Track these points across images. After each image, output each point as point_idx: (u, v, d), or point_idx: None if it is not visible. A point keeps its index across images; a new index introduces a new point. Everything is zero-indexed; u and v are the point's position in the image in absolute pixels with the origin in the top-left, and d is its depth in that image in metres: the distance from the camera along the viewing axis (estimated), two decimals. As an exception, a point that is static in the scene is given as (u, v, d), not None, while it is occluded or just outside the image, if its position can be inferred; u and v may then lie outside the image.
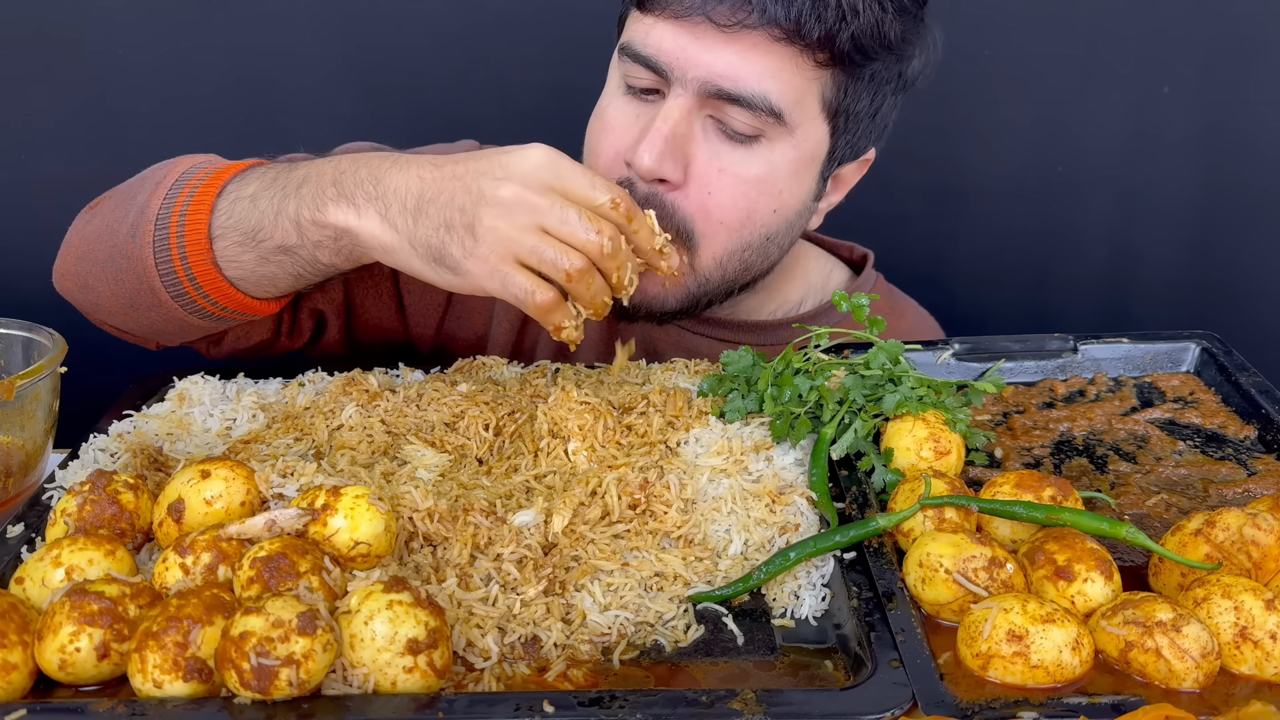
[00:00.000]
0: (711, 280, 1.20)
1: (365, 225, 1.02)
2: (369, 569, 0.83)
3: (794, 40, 1.09)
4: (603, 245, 0.99)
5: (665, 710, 0.71)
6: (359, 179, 1.03)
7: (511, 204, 0.97)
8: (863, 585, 0.85)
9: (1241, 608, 0.77)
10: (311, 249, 1.06)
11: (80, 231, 1.19)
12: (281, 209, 1.05)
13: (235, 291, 1.11)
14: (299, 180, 1.06)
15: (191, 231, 1.08)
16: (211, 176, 1.10)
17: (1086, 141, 1.90)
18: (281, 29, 1.81)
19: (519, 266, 0.98)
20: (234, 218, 1.08)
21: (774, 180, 1.16)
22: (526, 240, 0.97)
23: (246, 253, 1.08)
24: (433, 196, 1.00)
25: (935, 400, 1.03)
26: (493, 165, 0.99)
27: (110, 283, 1.14)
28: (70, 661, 0.73)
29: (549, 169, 0.99)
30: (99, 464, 1.00)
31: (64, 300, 1.87)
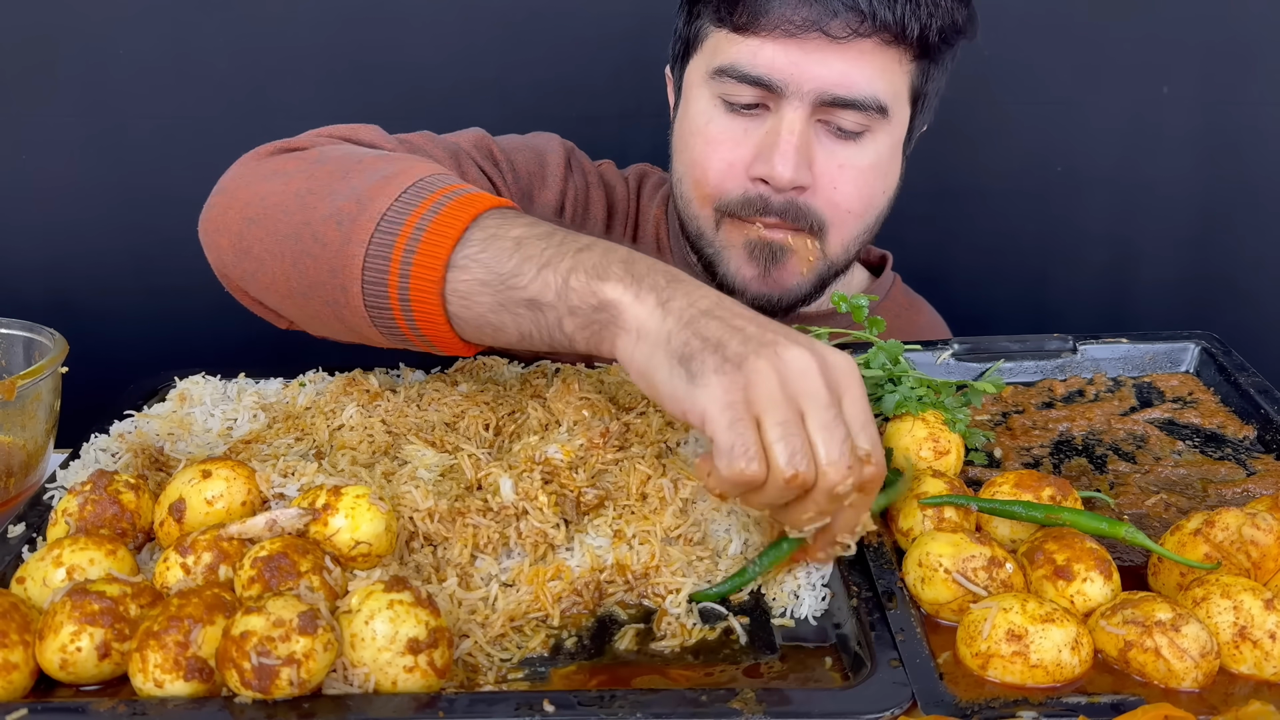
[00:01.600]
0: (837, 263, 1.30)
1: (638, 306, 0.88)
2: (370, 569, 0.83)
3: (899, 41, 1.19)
4: (842, 480, 0.80)
5: (665, 710, 0.71)
6: (654, 270, 0.91)
7: (794, 371, 0.81)
8: (862, 585, 0.85)
9: (1240, 607, 0.77)
10: (564, 313, 0.91)
11: (255, 187, 1.04)
12: (551, 263, 0.91)
13: (448, 328, 0.96)
14: (583, 245, 0.93)
15: (428, 252, 0.93)
16: (466, 198, 0.97)
17: (1086, 141, 1.90)
18: (281, 29, 1.81)
19: (755, 424, 0.81)
20: (488, 253, 0.93)
21: (882, 166, 1.26)
22: (782, 411, 0.80)
23: (486, 295, 0.93)
24: (721, 317, 0.85)
25: (935, 400, 1.03)
26: (802, 337, 0.85)
27: (287, 262, 0.99)
28: (71, 661, 0.73)
29: (849, 377, 0.84)
30: (100, 464, 1.00)
31: (64, 300, 1.89)
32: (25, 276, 1.90)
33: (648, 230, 1.46)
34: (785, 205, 1.22)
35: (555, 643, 0.83)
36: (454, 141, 1.31)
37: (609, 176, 1.48)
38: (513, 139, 1.38)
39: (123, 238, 1.89)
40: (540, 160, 1.37)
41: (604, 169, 1.48)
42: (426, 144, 1.26)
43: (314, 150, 1.07)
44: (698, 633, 0.84)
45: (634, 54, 1.82)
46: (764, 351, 0.81)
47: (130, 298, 1.92)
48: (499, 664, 0.80)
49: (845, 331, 1.12)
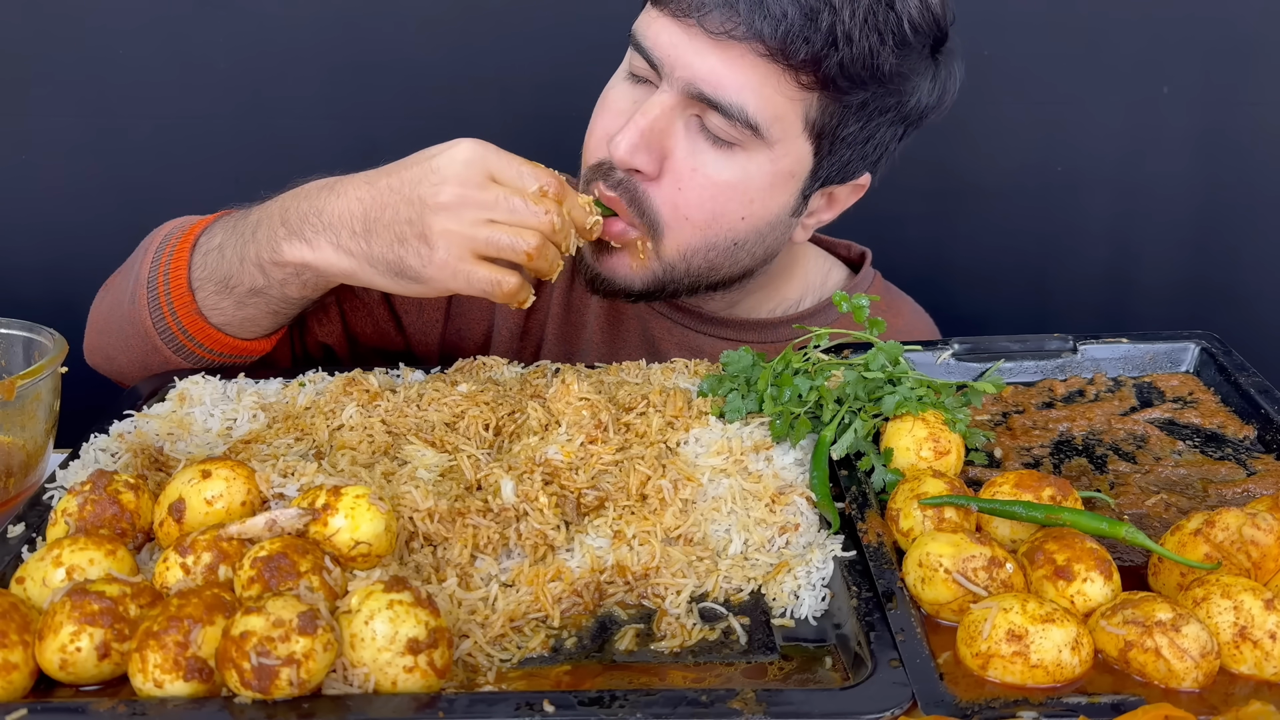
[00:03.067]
0: (676, 269, 1.23)
1: (321, 257, 1.08)
2: (369, 569, 0.83)
3: (778, 59, 1.10)
4: (553, 222, 1.07)
5: (665, 710, 0.71)
6: (303, 213, 1.08)
7: (456, 205, 1.03)
8: (862, 585, 0.85)
9: (1241, 607, 0.77)
10: (279, 287, 1.12)
11: (97, 309, 1.28)
12: (244, 255, 1.12)
13: (224, 336, 1.18)
14: (253, 225, 1.12)
15: (175, 287, 1.16)
16: (186, 233, 1.18)
17: (1086, 142, 1.90)
18: (281, 30, 1.81)
19: (478, 261, 1.05)
20: (207, 269, 1.15)
21: (746, 189, 1.18)
22: (480, 234, 1.04)
23: (224, 299, 1.15)
24: (377, 215, 1.05)
25: (935, 400, 1.03)
26: (426, 171, 1.04)
27: (124, 350, 1.21)
28: (71, 661, 0.73)
29: (480, 164, 1.05)
30: (100, 464, 1.00)
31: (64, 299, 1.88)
32: (25, 276, 1.90)
33: None
34: (622, 182, 1.17)
35: (555, 643, 0.83)
36: None
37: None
38: None
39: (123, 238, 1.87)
40: None
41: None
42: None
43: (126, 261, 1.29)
44: (698, 633, 0.84)
45: (634, 54, 1.82)
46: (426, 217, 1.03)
47: (130, 298, 1.92)
48: (499, 664, 0.80)
49: (845, 332, 1.12)
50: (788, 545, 0.92)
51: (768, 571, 0.89)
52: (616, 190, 1.17)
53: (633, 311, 1.39)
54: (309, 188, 1.11)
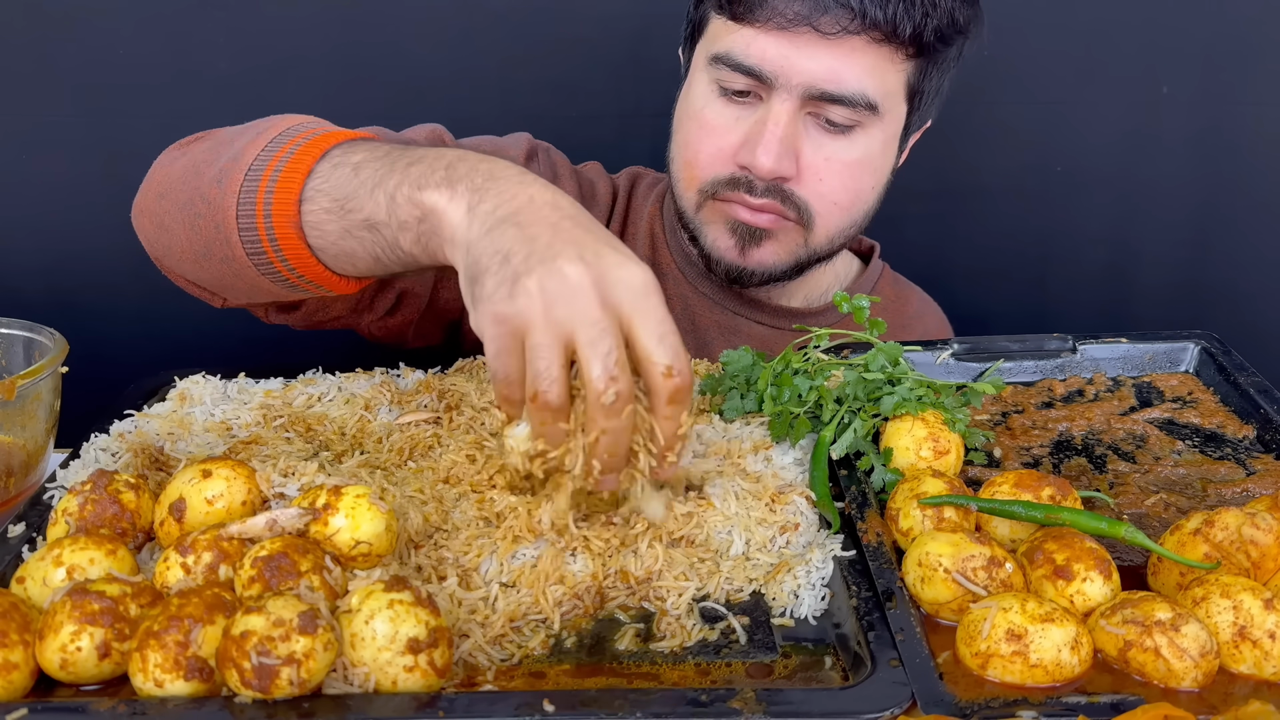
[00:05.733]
0: (820, 252, 1.33)
1: (451, 210, 0.89)
2: (370, 568, 0.83)
3: (890, 40, 1.19)
4: (605, 394, 0.80)
5: (665, 709, 0.71)
6: (474, 169, 0.91)
7: (568, 290, 0.80)
8: (862, 585, 0.85)
9: (1240, 607, 0.77)
10: (396, 229, 0.94)
11: (166, 168, 1.12)
12: (382, 182, 0.95)
13: (314, 261, 1.01)
14: (413, 159, 0.95)
15: (283, 189, 0.99)
16: (319, 137, 1.02)
17: (1086, 141, 1.90)
18: (281, 28, 1.81)
19: (518, 344, 0.83)
20: (330, 182, 0.99)
21: (870, 161, 1.28)
22: (540, 335, 0.81)
23: (332, 221, 0.98)
24: (524, 221, 0.85)
25: (934, 400, 1.03)
26: (594, 243, 0.84)
27: (187, 226, 1.06)
28: (71, 661, 0.73)
29: (633, 293, 0.82)
30: (100, 463, 1.00)
31: (64, 299, 1.88)
32: (25, 276, 1.90)
33: (641, 226, 1.47)
34: (769, 189, 1.25)
35: (555, 643, 0.83)
36: (407, 135, 1.33)
37: (589, 173, 1.50)
38: (477, 138, 1.40)
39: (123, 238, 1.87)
40: (497, 150, 1.38)
41: (585, 167, 1.49)
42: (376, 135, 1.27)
43: (222, 130, 1.12)
44: (698, 633, 0.84)
45: (634, 54, 1.82)
46: (539, 270, 0.81)
47: (130, 298, 1.92)
48: (499, 664, 0.80)
49: (845, 332, 1.13)
50: (788, 545, 0.92)
51: (768, 571, 0.89)
52: (765, 197, 1.26)
53: (676, 293, 1.45)
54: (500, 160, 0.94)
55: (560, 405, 0.83)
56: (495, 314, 0.82)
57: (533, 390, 0.81)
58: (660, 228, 1.47)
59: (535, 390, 0.81)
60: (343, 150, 1.00)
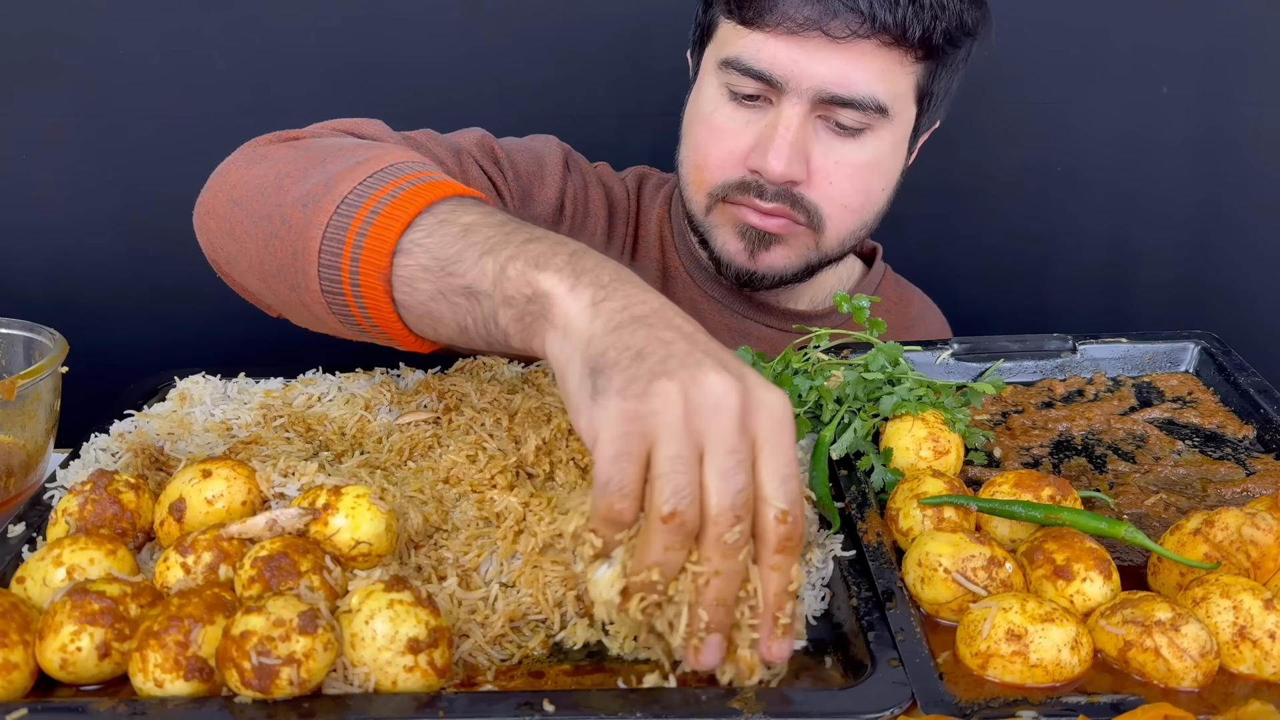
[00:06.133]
0: (830, 254, 1.34)
1: (570, 300, 0.79)
2: (370, 568, 0.83)
3: (899, 43, 1.20)
4: (730, 532, 0.71)
5: (665, 710, 0.71)
6: (600, 265, 0.82)
7: (713, 402, 0.71)
8: (862, 585, 0.85)
9: (1240, 607, 0.77)
10: (498, 303, 0.84)
11: (242, 171, 1.04)
12: (494, 250, 0.85)
13: (395, 317, 0.92)
14: (532, 236, 0.85)
15: (377, 236, 0.90)
16: (426, 185, 0.93)
17: (1086, 141, 1.90)
18: (281, 28, 1.81)
19: (643, 460, 0.72)
20: (434, 238, 0.89)
21: (880, 164, 1.28)
22: (675, 446, 0.71)
23: (428, 280, 0.88)
24: (656, 325, 0.76)
25: (934, 400, 1.03)
26: (735, 363, 0.75)
27: (260, 243, 0.98)
28: (71, 661, 0.73)
29: (772, 422, 0.73)
30: (100, 463, 1.00)
31: (64, 300, 1.88)
32: (25, 276, 1.90)
33: (650, 229, 1.47)
34: (779, 193, 1.25)
35: (555, 643, 0.83)
36: (456, 141, 1.32)
37: (606, 177, 1.50)
38: (512, 141, 1.40)
39: (123, 238, 1.89)
40: (538, 160, 1.39)
41: (601, 170, 1.50)
42: (429, 141, 1.28)
43: (306, 140, 1.07)
44: None
45: (633, 54, 1.82)
46: (680, 374, 0.71)
47: (130, 298, 1.92)
48: (499, 664, 0.80)
49: (845, 333, 1.13)
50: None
51: None
52: (775, 201, 1.26)
53: (685, 296, 1.46)
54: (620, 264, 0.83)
55: (694, 530, 0.71)
56: (625, 410, 0.71)
57: (669, 509, 0.69)
58: (668, 230, 1.48)
59: (673, 509, 0.69)
60: (452, 206, 0.91)
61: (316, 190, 0.94)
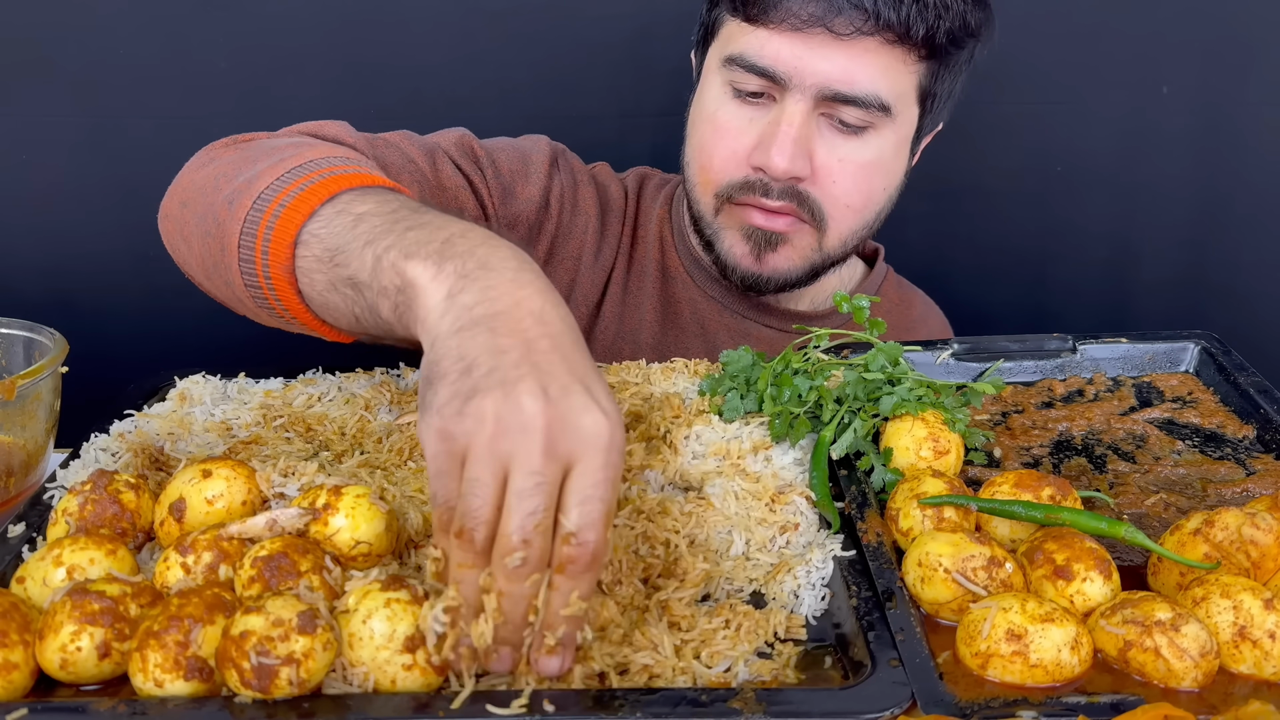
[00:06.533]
0: (833, 255, 1.34)
1: (430, 291, 0.79)
2: (370, 568, 0.83)
3: (903, 41, 1.20)
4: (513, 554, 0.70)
5: (665, 709, 0.71)
6: (470, 251, 0.81)
7: (519, 424, 0.71)
8: (862, 585, 0.85)
9: (1240, 607, 0.77)
10: (376, 294, 0.85)
11: (192, 174, 1.08)
12: (375, 239, 0.85)
13: (303, 308, 0.94)
14: (417, 222, 0.86)
15: (283, 227, 0.92)
16: (336, 176, 0.94)
17: (1086, 141, 1.90)
18: (281, 28, 1.81)
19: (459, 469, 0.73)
20: (328, 229, 0.90)
21: (882, 163, 1.28)
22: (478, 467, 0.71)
23: (321, 271, 0.90)
24: (499, 327, 0.75)
25: (934, 400, 1.03)
26: (564, 376, 0.73)
27: (200, 241, 1.01)
28: (71, 661, 0.73)
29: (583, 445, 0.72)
30: (100, 463, 1.00)
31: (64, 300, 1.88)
32: (25, 276, 1.90)
33: (650, 229, 1.47)
34: (785, 190, 1.25)
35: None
36: (433, 140, 1.33)
37: (602, 177, 1.50)
38: (499, 140, 1.41)
39: (123, 238, 1.89)
40: (523, 159, 1.40)
41: (597, 170, 1.50)
42: (402, 142, 1.28)
43: (254, 142, 1.08)
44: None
45: (634, 54, 1.82)
46: (495, 393, 0.71)
47: (130, 298, 1.92)
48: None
49: (845, 333, 1.13)
50: (788, 545, 0.92)
51: (768, 571, 0.89)
52: (781, 199, 1.26)
53: (686, 297, 1.46)
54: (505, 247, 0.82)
55: (486, 549, 0.72)
56: (441, 429, 0.72)
57: (459, 525, 0.71)
58: (669, 231, 1.47)
59: (462, 526, 0.71)
60: (352, 196, 0.92)
61: (240, 187, 0.97)
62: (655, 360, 1.23)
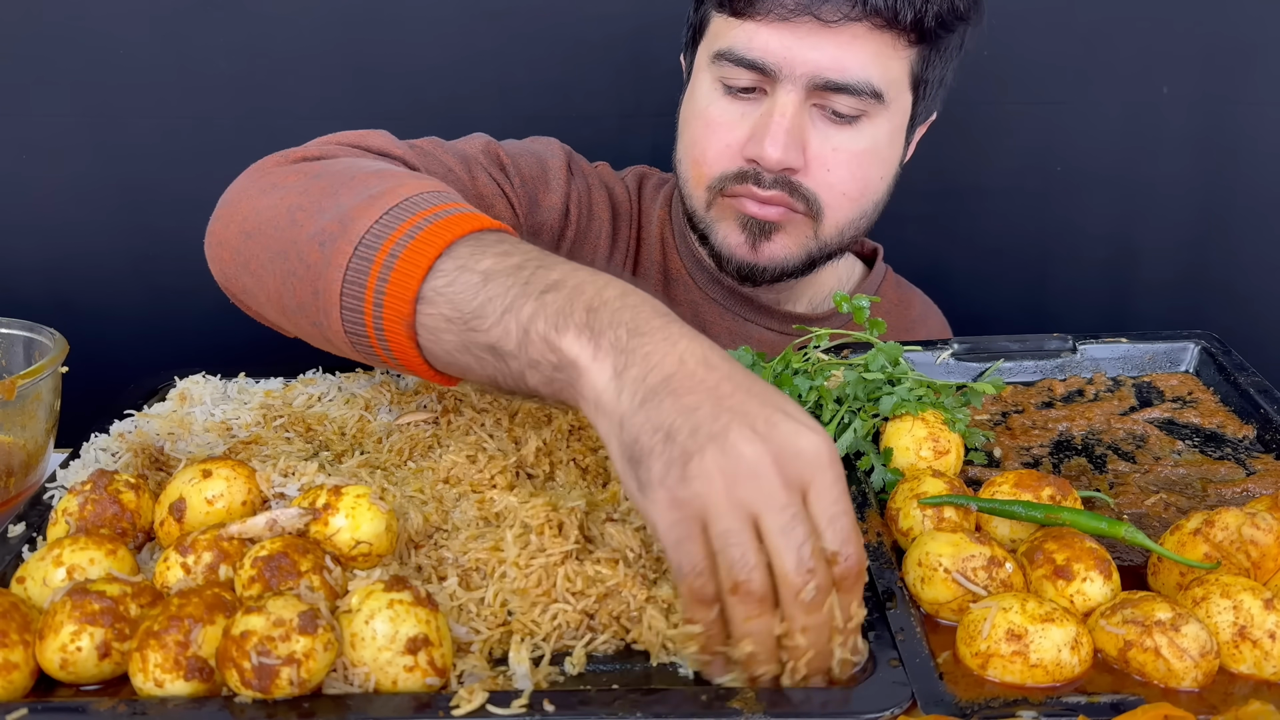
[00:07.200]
0: (830, 244, 1.32)
1: (595, 372, 0.79)
2: (370, 568, 0.83)
3: (891, 26, 1.19)
4: (805, 587, 0.73)
5: (665, 710, 0.71)
6: (616, 318, 0.80)
7: (748, 469, 0.72)
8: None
9: (1240, 607, 0.77)
10: (525, 365, 0.83)
11: (253, 199, 1.02)
12: (514, 307, 0.83)
13: (422, 362, 0.90)
14: (548, 284, 0.84)
15: (399, 283, 0.87)
16: (445, 220, 0.90)
17: (1086, 141, 1.90)
18: (282, 29, 1.81)
19: (703, 536, 0.74)
20: (455, 288, 0.86)
21: (878, 151, 1.27)
22: (727, 520, 0.73)
23: (452, 333, 0.87)
24: (679, 390, 0.76)
25: (934, 400, 1.03)
26: (763, 412, 0.75)
27: (277, 279, 0.96)
28: (71, 661, 0.73)
29: (812, 466, 0.74)
30: (100, 463, 1.00)
31: (64, 300, 1.89)
32: (25, 276, 1.90)
33: (651, 230, 1.47)
34: (777, 180, 1.25)
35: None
36: (463, 149, 1.32)
37: (607, 178, 1.50)
38: (514, 144, 1.40)
39: (123, 238, 1.89)
40: (541, 165, 1.39)
41: (602, 171, 1.50)
42: (436, 150, 1.28)
43: (315, 163, 1.04)
44: None
45: (634, 54, 1.82)
46: (710, 448, 0.72)
47: (130, 298, 1.92)
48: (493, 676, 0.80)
49: (845, 333, 1.13)
50: None
51: None
52: (773, 189, 1.25)
53: (686, 299, 1.45)
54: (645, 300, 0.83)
55: (767, 594, 0.73)
56: (671, 499, 0.73)
57: (732, 581, 0.73)
58: (669, 232, 1.47)
59: (735, 581, 0.72)
60: (471, 248, 0.88)
61: (332, 229, 0.92)
62: None
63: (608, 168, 1.52)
